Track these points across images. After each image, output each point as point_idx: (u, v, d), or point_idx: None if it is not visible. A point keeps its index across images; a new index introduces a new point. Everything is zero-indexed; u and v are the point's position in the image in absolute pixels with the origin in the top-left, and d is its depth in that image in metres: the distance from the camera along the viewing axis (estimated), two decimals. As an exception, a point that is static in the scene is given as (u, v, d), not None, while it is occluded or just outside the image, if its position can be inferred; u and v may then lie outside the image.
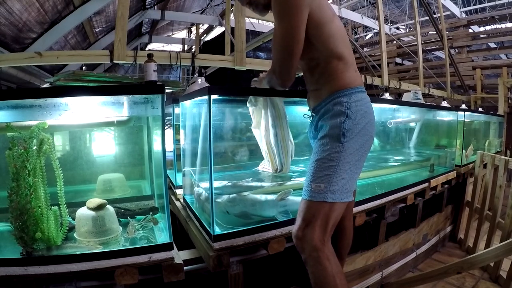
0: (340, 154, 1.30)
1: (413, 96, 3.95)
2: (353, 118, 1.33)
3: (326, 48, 1.37)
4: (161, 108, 1.41)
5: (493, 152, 4.58)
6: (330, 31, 1.37)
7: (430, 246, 3.17)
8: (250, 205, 1.72)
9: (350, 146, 1.32)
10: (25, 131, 1.37)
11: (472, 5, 9.21)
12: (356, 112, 1.34)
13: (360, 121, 1.35)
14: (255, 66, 3.92)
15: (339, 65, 1.38)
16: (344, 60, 1.39)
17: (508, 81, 6.21)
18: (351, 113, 1.33)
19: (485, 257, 2.16)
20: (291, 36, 1.31)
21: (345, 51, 1.40)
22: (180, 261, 1.41)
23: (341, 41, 1.40)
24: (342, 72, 1.38)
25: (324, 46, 1.37)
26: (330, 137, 1.33)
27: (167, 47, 11.84)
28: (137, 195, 2.12)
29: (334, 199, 1.29)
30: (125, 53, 3.05)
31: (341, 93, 1.36)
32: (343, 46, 1.40)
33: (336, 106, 1.35)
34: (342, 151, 1.31)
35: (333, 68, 1.38)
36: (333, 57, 1.37)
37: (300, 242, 1.30)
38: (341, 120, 1.32)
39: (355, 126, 1.33)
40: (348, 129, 1.32)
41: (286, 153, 1.95)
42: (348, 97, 1.35)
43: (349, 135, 1.32)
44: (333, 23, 1.39)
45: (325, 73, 1.40)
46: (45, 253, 1.38)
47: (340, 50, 1.38)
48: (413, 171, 3.24)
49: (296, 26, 1.30)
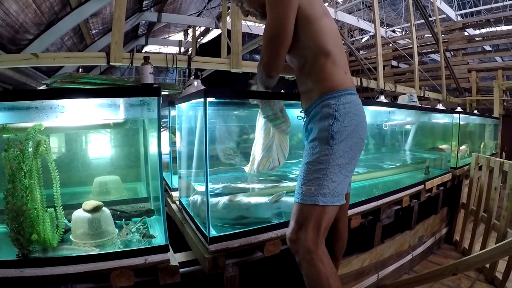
0: (329, 157, 1.31)
1: (409, 99, 3.98)
2: (341, 120, 1.33)
3: (314, 43, 1.38)
4: (157, 110, 1.41)
5: (488, 154, 4.60)
6: (319, 28, 1.38)
7: (425, 248, 3.19)
8: (245, 209, 1.72)
9: (339, 149, 1.32)
10: (21, 133, 1.37)
11: (467, 8, 9.29)
12: (344, 114, 1.34)
13: (349, 123, 1.35)
14: (251, 69, 3.92)
15: (327, 63, 1.38)
16: (332, 58, 1.38)
17: (503, 84, 6.25)
18: (339, 115, 1.33)
19: (481, 258, 2.18)
20: (279, 24, 1.34)
21: (334, 50, 1.40)
22: (176, 263, 1.41)
23: (330, 39, 1.40)
24: (331, 73, 1.38)
25: (312, 41, 1.38)
26: (319, 140, 1.34)
27: (163, 49, 11.86)
28: (133, 197, 2.12)
29: (326, 202, 1.29)
30: (121, 55, 3.04)
31: (329, 95, 1.36)
32: (332, 44, 1.40)
33: (324, 109, 1.35)
34: (331, 154, 1.31)
35: (321, 65, 1.38)
36: (320, 53, 1.38)
37: (294, 245, 1.30)
38: (329, 122, 1.33)
39: (344, 129, 1.33)
40: (337, 131, 1.32)
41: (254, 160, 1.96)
42: (336, 99, 1.35)
43: (338, 138, 1.32)
44: (323, 20, 1.40)
45: (313, 72, 1.40)
46: (41, 255, 1.38)
47: (328, 48, 1.38)
48: (408, 173, 3.26)
49: (284, 16, 1.32)
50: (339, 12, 8.02)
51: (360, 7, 9.84)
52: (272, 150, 1.87)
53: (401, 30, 11.47)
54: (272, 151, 1.89)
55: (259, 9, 1.54)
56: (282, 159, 1.94)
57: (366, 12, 9.94)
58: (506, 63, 7.58)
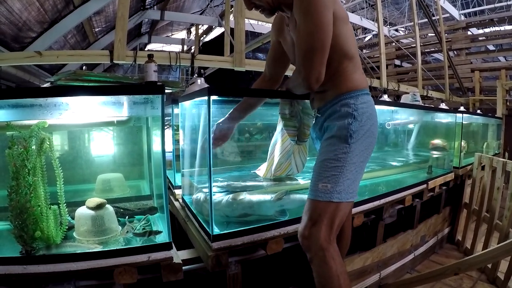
0: (347, 155, 1.32)
1: (412, 98, 3.97)
2: (359, 120, 1.34)
3: (341, 48, 1.37)
4: (161, 108, 1.41)
5: (491, 154, 4.59)
6: (347, 32, 1.39)
7: (428, 247, 3.18)
8: (248, 207, 1.73)
9: (356, 148, 1.33)
10: (25, 130, 1.37)
11: (471, 7, 9.26)
12: (362, 114, 1.35)
13: (366, 123, 1.36)
14: (254, 67, 3.93)
15: (349, 66, 1.39)
16: (354, 61, 1.40)
17: (506, 84, 6.22)
18: (357, 115, 1.34)
19: (483, 258, 2.17)
20: (321, 32, 1.26)
21: (356, 52, 1.42)
22: (179, 261, 1.41)
23: (353, 42, 1.41)
24: (351, 74, 1.39)
25: (339, 46, 1.36)
26: (337, 138, 1.34)
27: (166, 48, 11.87)
28: (136, 195, 2.13)
29: (340, 199, 1.30)
30: (125, 53, 3.05)
31: (348, 95, 1.37)
32: (354, 47, 1.42)
33: (343, 108, 1.36)
34: (349, 152, 1.32)
35: (344, 69, 1.39)
36: (345, 57, 1.38)
37: (306, 241, 1.30)
38: (348, 121, 1.34)
39: (361, 128, 1.35)
40: (355, 130, 1.33)
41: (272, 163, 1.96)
42: (355, 99, 1.36)
43: (355, 137, 1.33)
44: (348, 23, 1.41)
45: (335, 74, 1.39)
46: (45, 252, 1.38)
47: (352, 51, 1.39)
48: (411, 173, 3.25)
49: (325, 22, 1.26)
50: (342, 11, 7.98)
51: (363, 6, 9.83)
52: (291, 156, 1.87)
53: (404, 29, 11.44)
54: (291, 158, 1.90)
55: (270, 4, 1.43)
56: (300, 167, 1.95)
57: (369, 11, 9.92)
58: (509, 62, 7.55)
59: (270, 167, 2.07)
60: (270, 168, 2.06)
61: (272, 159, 2.03)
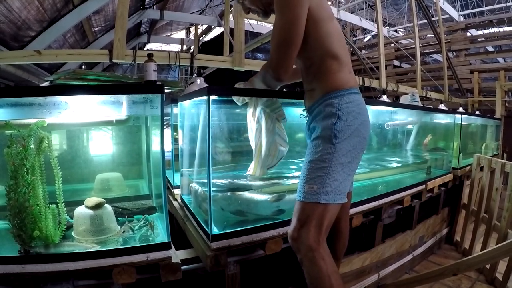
0: (332, 156, 1.31)
1: (411, 99, 3.97)
2: (344, 120, 1.34)
3: (322, 46, 1.38)
4: (160, 108, 1.41)
5: (490, 155, 4.59)
6: (328, 30, 1.39)
7: (426, 248, 3.19)
8: (245, 204, 1.73)
9: (342, 148, 1.32)
10: (24, 129, 1.37)
11: (470, 8, 9.27)
12: (347, 113, 1.34)
13: (352, 122, 1.35)
14: (253, 67, 3.92)
15: (333, 64, 1.39)
16: (339, 60, 1.39)
17: (505, 85, 6.23)
18: (342, 115, 1.34)
19: (481, 259, 2.17)
20: (290, 27, 1.32)
21: (341, 51, 1.41)
22: (177, 261, 1.41)
23: (337, 41, 1.41)
24: (335, 73, 1.39)
25: (319, 44, 1.38)
26: (322, 139, 1.34)
27: (165, 47, 11.86)
28: (135, 194, 2.12)
29: (328, 201, 1.29)
30: (124, 52, 3.04)
31: (332, 95, 1.36)
32: (339, 46, 1.41)
33: (327, 108, 1.36)
34: (334, 152, 1.31)
35: (327, 67, 1.39)
36: (328, 56, 1.38)
37: (296, 243, 1.31)
38: (332, 121, 1.33)
39: (347, 128, 1.34)
40: (340, 130, 1.32)
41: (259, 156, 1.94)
42: (339, 98, 1.35)
43: (340, 137, 1.32)
44: (331, 22, 1.41)
45: (319, 73, 1.40)
46: (43, 251, 1.38)
47: (335, 50, 1.39)
48: (410, 173, 3.26)
49: (297, 18, 1.31)
50: (342, 11, 8.01)
51: (362, 7, 9.83)
52: (275, 142, 1.85)
53: (404, 30, 11.44)
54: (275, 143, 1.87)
55: (261, 7, 1.54)
56: (285, 145, 1.92)
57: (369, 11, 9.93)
58: (508, 64, 7.56)
59: (259, 157, 2.03)
60: (260, 158, 2.02)
61: (259, 147, 1.99)
